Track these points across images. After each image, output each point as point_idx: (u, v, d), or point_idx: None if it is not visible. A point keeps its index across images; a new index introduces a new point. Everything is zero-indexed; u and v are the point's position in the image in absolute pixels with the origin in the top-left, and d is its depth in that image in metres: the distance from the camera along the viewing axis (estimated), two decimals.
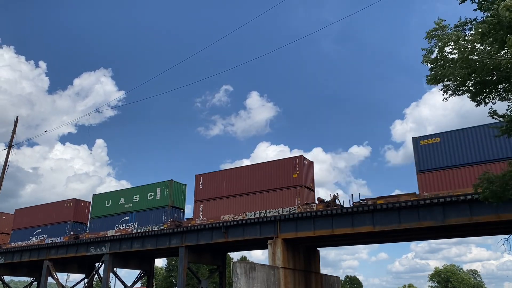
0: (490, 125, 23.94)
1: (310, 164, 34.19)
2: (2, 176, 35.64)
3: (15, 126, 37.66)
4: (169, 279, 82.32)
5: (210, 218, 35.44)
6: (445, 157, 26.97)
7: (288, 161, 33.38)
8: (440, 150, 27.23)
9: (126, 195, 42.17)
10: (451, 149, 26.93)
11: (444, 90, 13.82)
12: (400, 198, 27.46)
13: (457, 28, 12.64)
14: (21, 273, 54.85)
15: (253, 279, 26.27)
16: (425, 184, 27.10)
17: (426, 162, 27.42)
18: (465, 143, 26.65)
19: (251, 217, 32.51)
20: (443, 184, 26.54)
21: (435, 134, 27.97)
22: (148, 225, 39.09)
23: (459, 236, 36.09)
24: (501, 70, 11.68)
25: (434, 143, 27.64)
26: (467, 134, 26.86)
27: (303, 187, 31.96)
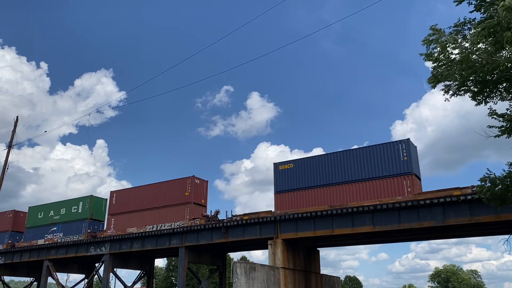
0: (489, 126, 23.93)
1: (202, 183, 38.60)
2: (2, 176, 35.66)
3: (15, 126, 37.68)
4: (169, 279, 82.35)
5: (118, 230, 40.49)
6: (296, 180, 32.35)
7: (182, 180, 37.99)
8: (292, 175, 32.63)
9: (55, 208, 47.48)
10: (300, 174, 32.34)
11: (445, 91, 13.82)
12: (260, 215, 32.50)
13: (456, 28, 12.66)
14: (21, 273, 54.89)
15: (253, 279, 26.27)
16: (280, 203, 32.35)
17: (282, 184, 32.82)
18: (311, 169, 31.97)
19: (252, 218, 32.49)
20: (294, 203, 31.73)
21: (290, 160, 33.82)
22: (71, 235, 44.24)
23: (459, 236, 36.09)
24: (501, 70, 11.69)
25: (288, 168, 33.15)
26: (312, 161, 32.20)
27: (193, 204, 36.71)
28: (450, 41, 11.92)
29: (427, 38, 12.69)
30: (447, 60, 12.63)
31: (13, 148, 36.86)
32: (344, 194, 29.91)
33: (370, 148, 30.21)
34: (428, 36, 12.62)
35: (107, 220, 42.66)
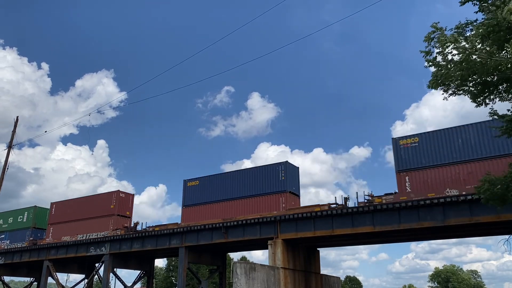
0: (490, 126, 24.01)
1: (128, 197, 43.38)
2: (2, 176, 35.66)
3: (15, 126, 37.69)
4: (169, 279, 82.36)
5: (55, 238, 45.35)
6: (200, 196, 37.44)
7: (109, 194, 43.18)
8: (198, 190, 37.69)
9: (4, 217, 52.77)
10: (203, 190, 37.65)
11: (445, 90, 13.82)
12: (168, 226, 37.11)
13: (458, 29, 12.65)
14: (21, 273, 54.84)
15: (253, 280, 26.27)
16: (186, 215, 37.46)
17: (189, 199, 37.96)
18: (211, 186, 37.20)
19: (251, 218, 32.51)
20: (197, 216, 36.80)
21: (196, 178, 38.40)
22: (15, 243, 49.09)
23: (459, 237, 36.09)
24: (501, 70, 11.69)
25: (195, 185, 38.10)
26: (213, 179, 37.43)
27: (117, 215, 41.44)
28: (451, 41, 11.93)
29: (429, 35, 12.72)
30: (447, 62, 12.64)
31: (14, 148, 36.88)
32: (235, 209, 34.84)
33: (256, 169, 35.77)
34: (430, 33, 12.65)
35: (47, 228, 47.12)
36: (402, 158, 28.68)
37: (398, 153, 28.84)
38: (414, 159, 28.28)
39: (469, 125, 27.34)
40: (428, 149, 28.02)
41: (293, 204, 32.67)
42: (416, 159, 28.21)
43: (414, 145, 28.72)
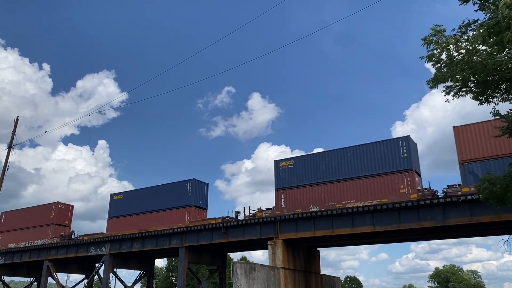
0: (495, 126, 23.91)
1: (67, 207, 48.29)
2: (2, 176, 35.63)
3: (15, 126, 37.65)
4: (169, 280, 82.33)
5: (2, 245, 50.75)
6: None
7: (48, 206, 48.19)
8: None
9: None
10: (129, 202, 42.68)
11: (447, 92, 13.79)
12: (94, 236, 42.42)
13: (460, 29, 12.60)
14: (21, 273, 54.84)
15: (253, 280, 26.27)
16: None
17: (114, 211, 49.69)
18: None
19: (252, 218, 32.48)
20: None
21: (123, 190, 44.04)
22: None
23: (459, 237, 36.09)
24: (503, 70, 11.67)
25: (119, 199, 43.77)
26: None
27: (55, 225, 46.42)
28: (451, 42, 11.89)
29: (427, 38, 12.66)
30: (449, 61, 12.60)
31: (15, 148, 36.84)
32: (148, 221, 39.95)
33: (166, 185, 40.52)
34: (429, 36, 12.59)
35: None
36: (281, 178, 33.23)
37: (278, 173, 33.56)
38: (289, 179, 32.83)
39: (331, 151, 31.78)
40: (300, 171, 32.63)
41: (197, 217, 37.09)
42: (290, 179, 32.77)
43: (290, 167, 33.37)
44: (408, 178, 27.90)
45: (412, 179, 27.75)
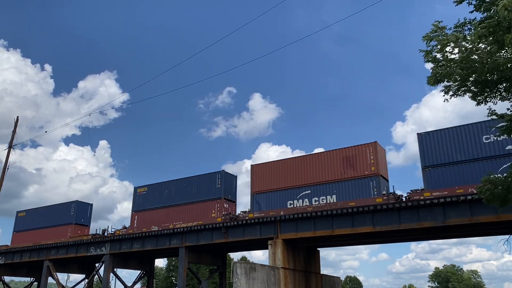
0: (489, 125, 24.00)
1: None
2: (3, 176, 35.64)
3: (15, 126, 37.66)
4: (169, 279, 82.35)
5: None
6: None
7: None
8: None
9: None
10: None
11: (445, 91, 13.79)
12: None
13: (457, 29, 12.62)
14: (21, 273, 54.85)
15: (253, 280, 26.28)
16: None
17: None
18: None
19: (252, 218, 32.49)
20: None
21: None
22: None
23: (460, 237, 36.09)
24: (501, 70, 11.67)
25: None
26: None
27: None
28: (452, 40, 11.89)
29: (428, 35, 12.66)
30: (446, 60, 12.60)
31: (16, 148, 36.85)
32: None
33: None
34: (430, 33, 12.59)
35: None
36: (136, 202, 41.30)
37: (134, 198, 41.52)
38: (142, 204, 40.81)
39: (174, 181, 39.44)
40: (151, 197, 40.35)
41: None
42: (143, 204, 40.69)
43: (144, 193, 41.24)
44: (218, 205, 35.37)
45: (221, 206, 35.22)
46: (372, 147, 29.91)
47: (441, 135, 27.55)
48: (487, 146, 25.77)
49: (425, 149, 27.66)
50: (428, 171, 27.14)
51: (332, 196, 30.45)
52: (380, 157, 29.94)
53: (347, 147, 31.28)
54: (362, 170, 29.71)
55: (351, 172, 30.14)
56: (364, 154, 30.14)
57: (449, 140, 27.16)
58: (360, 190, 29.33)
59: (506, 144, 25.14)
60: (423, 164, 27.43)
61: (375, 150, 29.65)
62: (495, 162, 25.10)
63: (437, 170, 26.88)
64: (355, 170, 30.05)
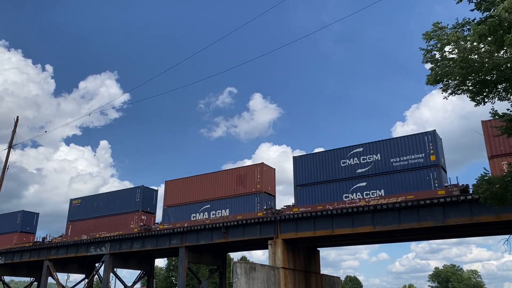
0: (492, 126, 23.99)
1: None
2: (2, 176, 35.63)
3: (15, 126, 37.66)
4: (169, 279, 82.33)
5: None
6: None
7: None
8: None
9: None
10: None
11: (444, 89, 13.79)
12: None
13: (456, 28, 12.61)
14: (21, 273, 54.85)
15: (253, 279, 26.27)
16: None
17: None
18: None
19: (251, 218, 32.50)
20: None
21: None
22: None
23: (459, 237, 36.08)
24: (501, 69, 11.66)
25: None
26: None
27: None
28: (452, 39, 11.89)
29: (428, 33, 12.65)
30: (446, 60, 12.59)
31: (16, 148, 36.85)
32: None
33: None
34: (430, 31, 12.58)
35: None
36: (71, 212, 45.78)
37: (70, 208, 46.18)
38: (76, 214, 45.33)
39: (102, 194, 45.20)
40: (82, 208, 45.17)
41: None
42: (77, 214, 45.23)
43: (78, 204, 45.83)
44: (136, 217, 39.81)
45: (139, 218, 39.79)
46: (259, 168, 33.90)
47: (310, 159, 31.70)
48: (343, 169, 29.98)
49: (297, 170, 31.80)
50: (299, 189, 31.35)
51: (226, 210, 34.35)
52: (267, 176, 34.20)
53: (240, 167, 36.11)
54: (250, 187, 33.69)
55: (242, 189, 34.12)
56: (252, 173, 33.97)
57: (315, 163, 31.36)
58: (247, 205, 33.28)
59: (357, 168, 29.47)
60: (295, 183, 31.66)
61: (262, 170, 33.72)
62: (349, 183, 29.44)
63: (305, 189, 31.09)
64: (245, 187, 34.02)
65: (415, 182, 27.21)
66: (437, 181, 26.32)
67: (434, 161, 26.97)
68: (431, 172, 26.83)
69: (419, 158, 27.56)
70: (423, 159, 27.38)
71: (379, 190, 28.36)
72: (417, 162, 27.59)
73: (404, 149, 28.32)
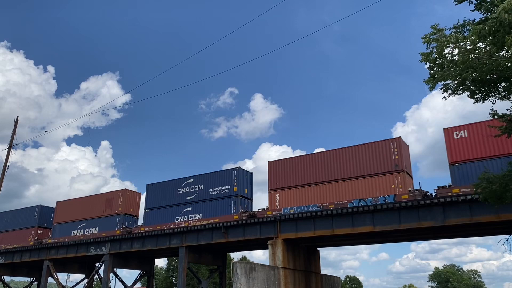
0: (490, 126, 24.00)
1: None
2: (2, 176, 35.64)
3: (15, 126, 37.67)
4: (169, 279, 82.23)
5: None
6: None
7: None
8: None
9: None
10: None
11: (444, 89, 13.80)
12: None
13: (456, 29, 12.62)
14: (21, 273, 54.80)
15: (253, 279, 26.27)
16: None
17: None
18: None
19: (251, 218, 32.50)
20: None
21: None
22: None
23: (459, 236, 36.07)
24: (501, 69, 11.66)
25: None
26: None
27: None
28: (451, 41, 11.89)
29: (427, 37, 12.66)
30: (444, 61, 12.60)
31: (17, 149, 36.89)
32: None
33: None
34: (429, 34, 12.59)
35: None
36: None
37: None
38: None
39: (15, 210, 51.07)
40: None
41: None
42: None
43: None
44: (33, 232, 47.25)
45: (35, 232, 46.96)
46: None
47: (156, 186, 39.38)
48: (178, 196, 37.39)
49: (148, 196, 39.58)
50: (147, 212, 39.03)
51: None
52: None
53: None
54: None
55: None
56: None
57: (159, 191, 38.98)
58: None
59: (187, 195, 36.83)
60: (145, 207, 39.65)
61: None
62: (179, 208, 36.91)
63: (152, 212, 38.75)
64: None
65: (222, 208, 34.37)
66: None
67: (236, 192, 34.06)
68: (234, 200, 33.96)
69: (227, 189, 34.83)
70: (229, 190, 34.52)
71: (199, 213, 35.77)
72: (225, 193, 34.64)
73: (218, 181, 35.49)
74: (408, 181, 27.96)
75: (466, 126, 26.42)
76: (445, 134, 26.76)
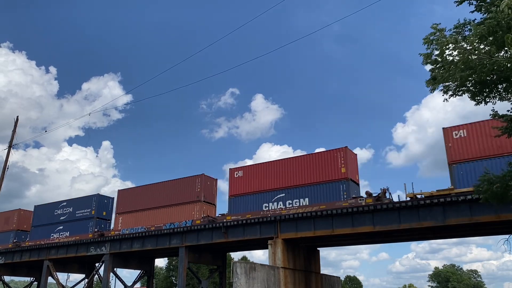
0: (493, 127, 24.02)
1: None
2: (2, 175, 35.64)
3: (15, 126, 37.67)
4: (169, 279, 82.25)
5: None
6: None
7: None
8: None
9: None
10: None
11: (444, 91, 13.80)
12: None
13: (457, 29, 12.61)
14: (21, 273, 54.81)
15: (253, 279, 26.27)
16: None
17: None
18: None
19: (252, 217, 32.51)
20: None
21: None
22: None
23: (459, 236, 36.09)
24: (501, 70, 11.66)
25: None
26: None
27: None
28: (451, 42, 11.89)
29: (428, 37, 12.65)
30: (445, 62, 12.59)
31: (18, 149, 36.88)
32: None
33: None
34: (429, 35, 12.59)
35: None
36: None
37: None
38: None
39: None
40: None
41: None
42: None
43: None
44: None
45: None
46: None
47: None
48: None
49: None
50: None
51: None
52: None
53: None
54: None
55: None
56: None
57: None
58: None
59: None
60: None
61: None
62: None
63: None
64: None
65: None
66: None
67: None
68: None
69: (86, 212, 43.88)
70: None
71: None
72: None
73: None
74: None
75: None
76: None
